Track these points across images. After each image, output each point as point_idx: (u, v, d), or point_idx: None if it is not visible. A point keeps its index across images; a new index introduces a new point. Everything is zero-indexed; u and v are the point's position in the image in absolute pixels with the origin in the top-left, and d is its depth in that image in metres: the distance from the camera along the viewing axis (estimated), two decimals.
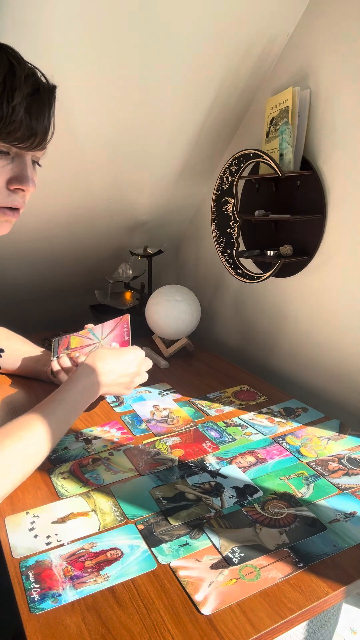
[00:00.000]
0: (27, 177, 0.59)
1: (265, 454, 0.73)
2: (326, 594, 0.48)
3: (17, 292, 1.42)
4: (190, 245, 1.46)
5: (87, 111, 0.94)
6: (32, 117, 0.55)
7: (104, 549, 0.54)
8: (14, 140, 0.56)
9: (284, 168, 0.92)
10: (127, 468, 0.69)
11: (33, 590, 0.49)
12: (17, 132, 0.55)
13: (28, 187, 0.59)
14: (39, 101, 0.56)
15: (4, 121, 0.53)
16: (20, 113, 0.54)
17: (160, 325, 1.11)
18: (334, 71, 0.86)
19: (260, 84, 1.04)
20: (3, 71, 0.52)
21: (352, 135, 0.85)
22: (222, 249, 1.13)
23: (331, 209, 0.92)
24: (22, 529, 0.58)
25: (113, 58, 0.86)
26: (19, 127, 0.55)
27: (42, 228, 1.21)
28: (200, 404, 0.90)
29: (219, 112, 1.07)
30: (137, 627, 0.45)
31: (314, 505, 0.61)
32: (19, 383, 0.98)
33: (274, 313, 1.12)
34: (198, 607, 0.47)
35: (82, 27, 0.79)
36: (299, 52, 0.93)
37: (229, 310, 1.30)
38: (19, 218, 0.64)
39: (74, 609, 0.47)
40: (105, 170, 1.11)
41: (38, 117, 0.56)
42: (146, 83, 0.93)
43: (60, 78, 0.85)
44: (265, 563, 0.52)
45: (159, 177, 1.20)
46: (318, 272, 0.98)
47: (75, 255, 1.37)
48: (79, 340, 0.94)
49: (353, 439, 0.77)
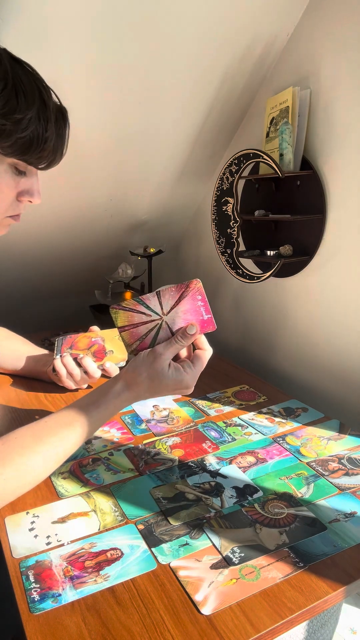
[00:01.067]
0: (36, 191, 0.64)
1: (265, 454, 0.73)
2: (326, 594, 0.48)
3: (17, 292, 1.42)
4: (190, 245, 1.46)
5: (87, 111, 0.94)
6: (57, 142, 0.60)
7: (104, 549, 0.54)
8: (39, 163, 0.60)
9: (284, 168, 0.92)
10: (127, 468, 0.69)
11: (33, 590, 0.49)
12: (45, 157, 0.59)
13: (35, 199, 0.64)
14: (61, 126, 0.60)
15: (37, 149, 0.57)
16: (52, 141, 0.58)
17: None
18: (334, 71, 0.86)
19: (260, 84, 1.04)
20: (36, 102, 0.55)
21: (352, 135, 0.85)
22: (222, 249, 1.13)
23: (331, 209, 0.92)
24: (22, 529, 0.58)
25: (113, 58, 0.86)
26: (48, 153, 0.59)
27: (42, 228, 1.21)
28: (200, 404, 0.90)
29: (219, 112, 1.07)
30: (137, 627, 0.45)
31: (314, 505, 0.61)
32: (19, 383, 0.98)
33: (274, 313, 1.12)
34: (198, 607, 0.47)
35: (82, 28, 0.79)
36: (299, 52, 0.93)
37: (229, 310, 1.30)
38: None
39: (74, 609, 0.47)
40: (105, 170, 1.11)
41: (60, 140, 0.61)
42: (146, 83, 0.93)
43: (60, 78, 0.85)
44: (265, 563, 0.52)
45: (159, 177, 1.20)
46: (318, 272, 0.98)
47: (75, 255, 1.37)
48: (86, 341, 0.93)
49: (353, 439, 0.77)
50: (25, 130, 0.54)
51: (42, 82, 0.57)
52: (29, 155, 0.57)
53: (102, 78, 0.89)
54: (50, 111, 0.57)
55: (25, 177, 0.62)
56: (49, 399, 0.91)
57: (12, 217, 0.65)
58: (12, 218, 0.66)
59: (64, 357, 0.88)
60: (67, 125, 0.62)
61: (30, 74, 0.56)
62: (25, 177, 0.62)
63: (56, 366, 0.88)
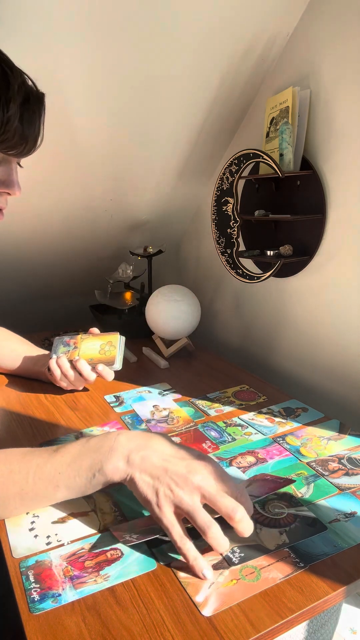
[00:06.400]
0: (13, 181, 0.61)
1: (265, 454, 0.73)
2: (326, 594, 0.48)
3: (17, 292, 1.42)
4: (190, 245, 1.46)
5: (86, 111, 0.94)
6: (24, 125, 0.57)
7: (104, 549, 0.54)
8: (6, 148, 0.57)
9: (284, 168, 0.92)
10: None
11: (33, 590, 0.49)
12: (10, 141, 0.56)
13: (14, 191, 0.62)
14: (31, 110, 0.57)
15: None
16: (14, 122, 0.55)
17: (160, 325, 1.11)
18: (334, 71, 0.86)
19: (260, 84, 1.04)
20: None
21: (352, 135, 0.85)
22: (222, 249, 1.13)
23: (331, 209, 0.92)
24: (22, 529, 0.58)
25: (113, 58, 0.86)
26: (13, 135, 0.56)
27: (42, 228, 1.21)
28: (200, 404, 0.90)
29: (219, 112, 1.07)
30: (137, 627, 0.45)
31: (314, 505, 0.61)
32: (19, 383, 0.98)
33: (274, 313, 1.12)
34: (199, 609, 0.47)
35: (81, 26, 0.79)
36: (299, 52, 0.93)
37: (229, 310, 1.30)
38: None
39: (74, 609, 0.47)
40: (105, 170, 1.11)
41: (30, 125, 0.58)
42: (146, 83, 0.93)
43: (60, 78, 0.85)
44: (266, 563, 0.52)
45: (159, 177, 1.20)
46: (318, 272, 0.98)
47: (75, 255, 1.37)
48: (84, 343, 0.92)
49: (353, 439, 0.77)
50: None
51: (7, 63, 0.55)
52: None
53: (101, 78, 0.89)
54: (14, 91, 0.54)
55: (0, 167, 0.60)
56: (49, 400, 0.91)
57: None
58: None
59: (59, 358, 0.88)
60: (41, 111, 0.59)
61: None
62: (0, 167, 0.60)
63: (51, 367, 0.88)
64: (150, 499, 0.52)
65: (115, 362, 0.89)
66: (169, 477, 0.51)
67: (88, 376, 0.87)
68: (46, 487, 0.56)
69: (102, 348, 0.91)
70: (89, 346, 0.92)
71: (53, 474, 0.56)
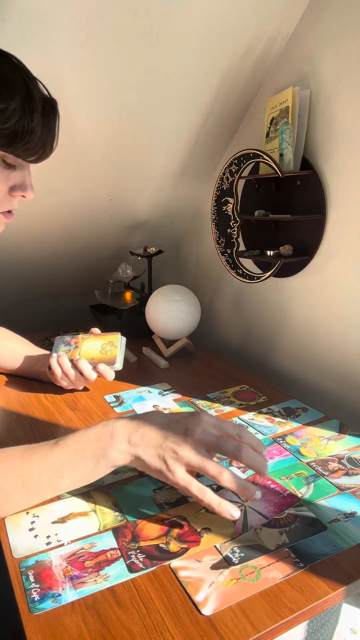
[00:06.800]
0: (28, 185, 0.63)
1: (265, 454, 0.73)
2: (326, 594, 0.48)
3: (17, 292, 1.42)
4: (190, 245, 1.46)
5: (86, 111, 0.94)
6: (45, 134, 0.58)
7: (104, 549, 0.54)
8: (27, 155, 0.58)
9: (284, 168, 0.92)
10: (128, 468, 0.69)
11: (33, 590, 0.49)
12: (32, 149, 0.58)
13: (29, 194, 0.63)
14: (49, 117, 0.59)
15: (23, 140, 0.56)
16: (38, 132, 0.57)
17: (160, 325, 1.11)
18: (334, 71, 0.86)
19: (260, 84, 1.04)
20: (20, 93, 0.54)
21: (352, 135, 0.85)
22: (222, 249, 1.13)
23: (331, 209, 0.92)
24: (22, 529, 0.58)
25: (112, 58, 0.86)
26: (35, 144, 0.58)
27: (42, 228, 1.21)
28: (200, 404, 0.90)
29: (219, 112, 1.07)
30: (137, 627, 0.45)
31: (314, 505, 0.61)
32: (19, 383, 0.98)
33: (274, 313, 1.12)
34: (199, 608, 0.47)
35: (81, 27, 0.79)
36: (299, 52, 0.93)
37: (229, 310, 1.30)
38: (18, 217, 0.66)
39: (74, 609, 0.47)
40: (105, 170, 1.11)
41: (49, 132, 0.60)
42: (146, 83, 0.93)
43: (60, 78, 0.85)
44: (266, 563, 0.52)
45: (159, 177, 1.20)
46: (318, 272, 0.98)
47: (75, 255, 1.37)
48: (85, 343, 0.92)
49: (353, 439, 0.77)
50: (9, 121, 0.53)
51: (27, 73, 0.56)
52: (15, 147, 0.56)
53: (101, 78, 0.89)
54: (36, 102, 0.55)
55: (16, 170, 0.61)
56: (49, 399, 0.91)
57: (5, 214, 0.64)
58: (5, 216, 0.65)
59: (60, 357, 0.88)
60: (56, 117, 0.61)
61: (14, 64, 0.55)
62: (15, 170, 0.61)
63: (52, 365, 0.88)
64: (160, 468, 0.55)
65: (116, 362, 0.89)
66: (170, 442, 0.55)
67: (89, 375, 0.87)
68: (51, 478, 0.57)
69: (103, 348, 0.91)
70: (90, 346, 0.92)
71: (57, 465, 0.57)
